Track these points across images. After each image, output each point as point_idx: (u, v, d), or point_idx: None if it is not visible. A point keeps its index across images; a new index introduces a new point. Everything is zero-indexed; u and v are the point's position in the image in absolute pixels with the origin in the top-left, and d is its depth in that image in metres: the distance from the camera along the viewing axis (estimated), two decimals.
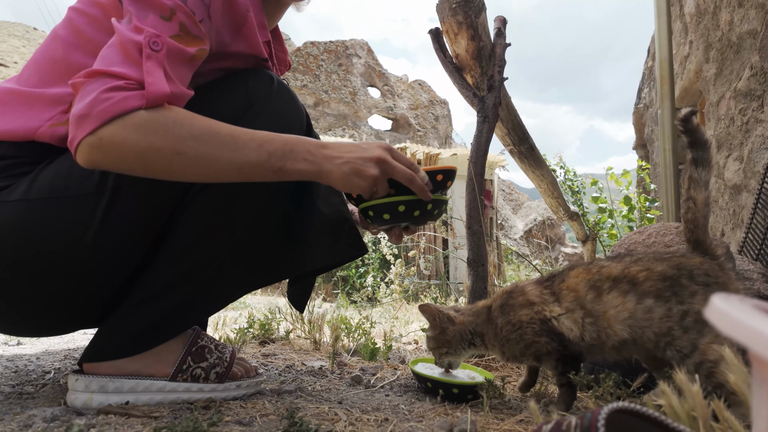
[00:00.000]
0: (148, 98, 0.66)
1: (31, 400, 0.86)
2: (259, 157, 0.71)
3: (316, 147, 0.74)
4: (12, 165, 0.79)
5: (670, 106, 1.55)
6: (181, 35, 0.72)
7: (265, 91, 0.87)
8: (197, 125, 0.69)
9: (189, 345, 0.90)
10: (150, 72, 0.67)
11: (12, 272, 0.76)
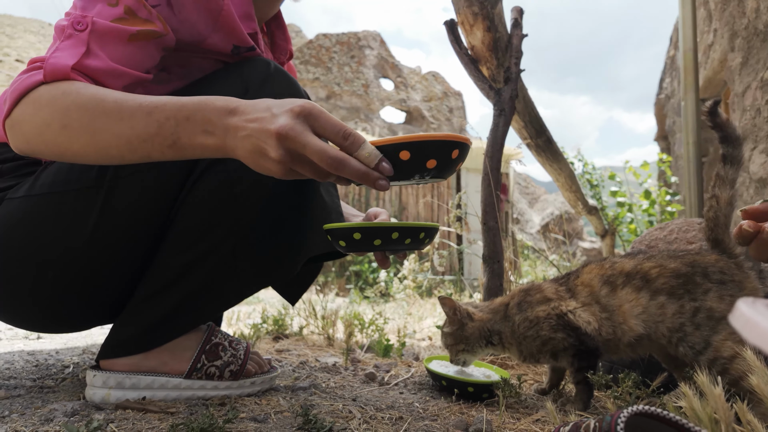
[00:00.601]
0: (45, 70, 0.64)
1: (52, 394, 0.87)
2: (148, 128, 0.59)
3: (220, 114, 0.58)
4: (19, 166, 0.82)
5: (694, 98, 1.50)
6: (126, 18, 0.71)
7: (260, 75, 0.86)
8: (83, 93, 0.62)
9: (203, 343, 0.90)
10: (61, 49, 0.66)
11: (20, 267, 0.77)
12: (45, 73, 0.64)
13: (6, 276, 0.78)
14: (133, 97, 0.61)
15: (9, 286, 0.79)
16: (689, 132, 1.48)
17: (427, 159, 0.58)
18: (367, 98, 12.43)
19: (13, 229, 0.76)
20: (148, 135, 0.60)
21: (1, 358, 1.12)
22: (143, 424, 0.70)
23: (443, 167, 0.59)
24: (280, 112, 0.55)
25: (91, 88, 0.63)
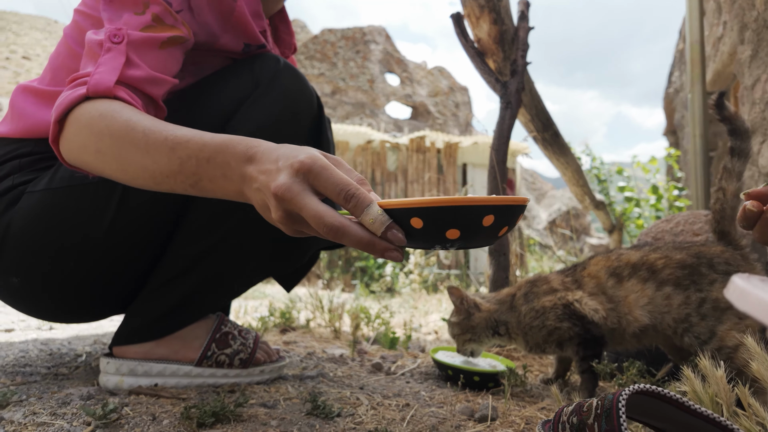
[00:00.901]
0: (88, 85, 0.64)
1: (67, 380, 0.89)
2: (171, 165, 0.56)
3: (239, 160, 0.53)
4: (39, 159, 0.83)
5: (701, 91, 1.49)
6: (154, 25, 0.72)
7: (270, 71, 0.87)
8: (117, 120, 0.60)
9: (213, 332, 0.92)
10: (103, 63, 0.66)
11: (41, 259, 0.79)
12: (89, 87, 0.64)
13: (26, 268, 0.80)
14: (161, 129, 0.58)
15: (29, 278, 0.81)
16: (696, 125, 1.48)
17: (446, 228, 0.45)
18: (372, 93, 12.41)
19: (35, 222, 0.78)
20: (171, 172, 0.57)
21: (16, 348, 1.14)
22: (156, 408, 0.72)
23: (472, 237, 0.46)
24: (283, 166, 0.49)
25: (126, 112, 0.61)
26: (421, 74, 13.55)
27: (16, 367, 0.96)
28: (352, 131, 7.18)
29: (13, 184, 0.81)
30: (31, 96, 0.85)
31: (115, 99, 0.65)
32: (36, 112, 0.83)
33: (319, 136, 0.97)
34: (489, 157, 1.49)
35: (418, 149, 7.13)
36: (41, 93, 0.84)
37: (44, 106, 0.84)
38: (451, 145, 7.17)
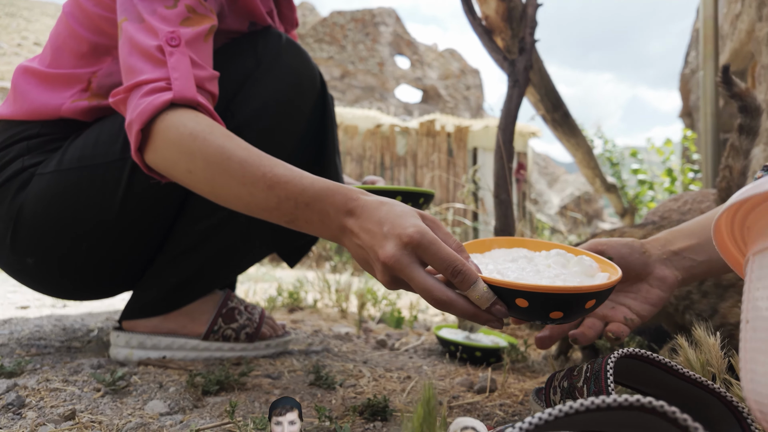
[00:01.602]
0: (174, 91, 0.65)
1: (79, 353, 0.92)
2: (268, 202, 0.59)
3: (338, 211, 0.56)
4: (46, 141, 0.84)
5: (713, 67, 1.46)
6: (191, 17, 0.72)
7: (273, 48, 0.87)
8: (211, 143, 0.61)
9: (219, 307, 0.94)
10: (175, 67, 0.67)
11: (54, 238, 0.81)
12: (175, 94, 0.64)
13: (41, 249, 0.82)
14: (258, 162, 0.60)
15: (44, 258, 0.83)
16: (707, 103, 1.44)
17: (551, 310, 0.47)
18: (382, 77, 12.31)
19: (46, 203, 0.80)
20: (268, 207, 0.59)
21: (32, 323, 1.18)
22: (164, 377, 0.74)
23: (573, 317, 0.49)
24: (390, 234, 0.51)
25: (218, 135, 0.62)
26: (432, 57, 13.38)
27: (31, 340, 1.00)
28: (362, 115, 7.15)
29: (23, 166, 0.82)
30: (34, 78, 0.85)
31: (197, 107, 0.67)
32: (40, 95, 0.84)
33: (323, 113, 0.97)
34: (496, 137, 1.48)
35: (427, 133, 7.08)
36: (44, 75, 0.85)
37: (48, 88, 0.85)
38: (462, 129, 7.11)
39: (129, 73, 0.69)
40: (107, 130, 0.82)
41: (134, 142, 0.65)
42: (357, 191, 0.57)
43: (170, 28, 0.69)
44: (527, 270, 0.52)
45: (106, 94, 0.85)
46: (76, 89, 0.84)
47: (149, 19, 0.70)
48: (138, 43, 0.68)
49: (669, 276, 0.60)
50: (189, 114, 0.65)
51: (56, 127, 0.85)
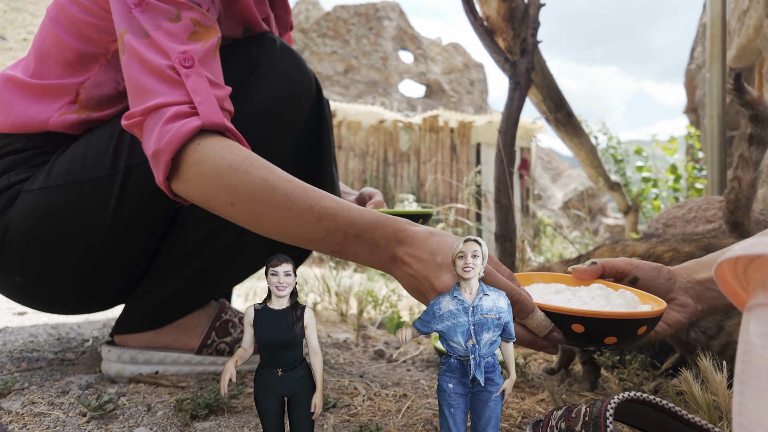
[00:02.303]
0: (202, 117, 0.63)
1: (71, 366, 0.91)
2: (316, 233, 0.59)
3: (389, 240, 0.57)
4: (33, 155, 0.82)
5: (720, 69, 1.42)
6: (197, 30, 0.70)
7: (267, 54, 0.85)
8: (253, 176, 0.60)
9: (213, 320, 0.92)
10: (195, 90, 0.65)
11: (43, 256, 0.79)
12: (204, 120, 0.63)
13: (30, 268, 0.80)
14: (304, 195, 0.59)
15: (33, 277, 0.81)
16: (714, 105, 1.41)
17: (605, 336, 0.50)
18: (385, 71, 12.24)
19: (34, 222, 0.78)
20: (315, 239, 0.59)
21: (26, 332, 1.17)
22: (153, 398, 0.73)
23: (626, 343, 0.52)
24: (445, 264, 0.52)
25: (258, 166, 0.61)
26: (436, 51, 13.29)
27: (23, 352, 0.98)
28: (364, 111, 7.11)
29: (9, 183, 0.80)
30: (18, 89, 0.83)
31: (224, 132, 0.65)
32: (26, 108, 0.81)
33: (319, 119, 0.95)
34: (497, 141, 1.46)
35: (431, 129, 7.04)
36: (29, 87, 0.82)
37: (33, 101, 0.82)
38: (465, 125, 7.06)
39: (141, 93, 0.65)
40: (95, 144, 0.80)
41: (163, 172, 0.63)
42: (404, 222, 0.58)
43: (181, 47, 0.66)
44: (573, 301, 0.54)
45: (95, 106, 0.83)
46: (64, 101, 0.82)
47: (155, 34, 0.67)
48: (148, 61, 0.65)
49: (690, 304, 0.61)
50: (221, 142, 0.63)
51: (43, 140, 0.82)
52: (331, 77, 11.75)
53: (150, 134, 0.64)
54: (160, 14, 0.68)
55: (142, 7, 0.68)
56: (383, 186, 6.83)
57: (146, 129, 0.65)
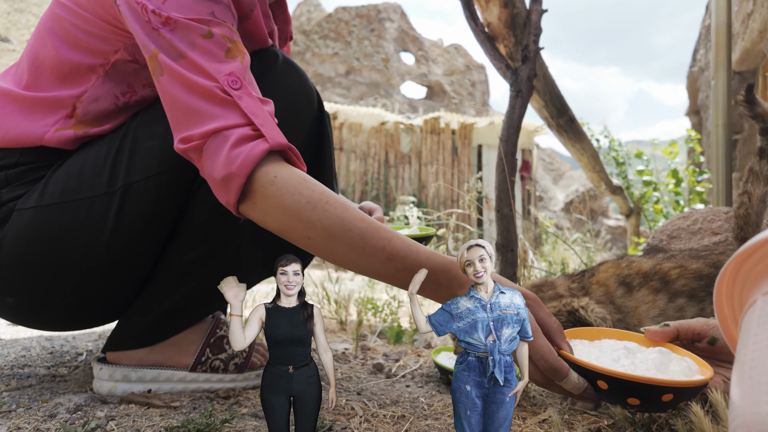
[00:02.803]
0: (270, 139, 0.65)
1: (63, 383, 0.89)
2: (384, 270, 0.64)
3: (451, 282, 0.62)
4: (26, 171, 0.79)
5: (726, 77, 1.40)
6: (230, 47, 0.69)
7: (269, 69, 0.83)
8: (330, 214, 0.64)
9: (208, 336, 0.90)
10: (253, 112, 0.65)
11: (37, 277, 0.77)
12: (272, 144, 0.64)
13: (22, 289, 0.78)
14: (377, 235, 0.64)
15: (26, 297, 0.79)
16: (719, 114, 1.39)
17: (628, 396, 0.53)
18: (387, 73, 12.23)
19: (29, 243, 0.75)
20: (384, 274, 0.64)
21: (20, 345, 1.15)
22: (143, 422, 0.71)
23: (649, 407, 0.55)
24: None
25: (334, 204, 0.64)
26: (437, 52, 13.27)
27: (15, 368, 0.97)
28: (366, 112, 7.10)
29: (1, 201, 0.77)
30: (10, 102, 0.80)
31: (287, 152, 0.67)
32: (19, 123, 0.78)
33: (320, 135, 0.93)
34: (498, 149, 1.44)
35: (432, 130, 7.02)
36: (22, 100, 0.79)
37: (27, 115, 0.79)
38: (466, 126, 7.05)
39: (192, 116, 0.65)
40: (91, 161, 0.77)
41: (234, 195, 0.64)
42: None
43: (225, 68, 0.66)
44: (622, 361, 0.57)
45: (92, 121, 0.80)
46: (60, 115, 0.79)
47: (192, 54, 0.65)
48: (194, 83, 0.65)
49: None
50: (294, 174, 0.65)
51: (36, 155, 0.80)
52: (332, 79, 11.74)
53: (214, 158, 0.64)
54: (191, 32, 0.66)
55: (171, 26, 0.66)
56: (384, 188, 6.81)
57: (207, 152, 0.65)
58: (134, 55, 0.78)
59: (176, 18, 0.66)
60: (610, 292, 0.84)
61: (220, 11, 0.70)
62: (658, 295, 0.79)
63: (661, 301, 0.78)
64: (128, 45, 0.77)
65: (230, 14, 0.72)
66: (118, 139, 0.78)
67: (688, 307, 0.76)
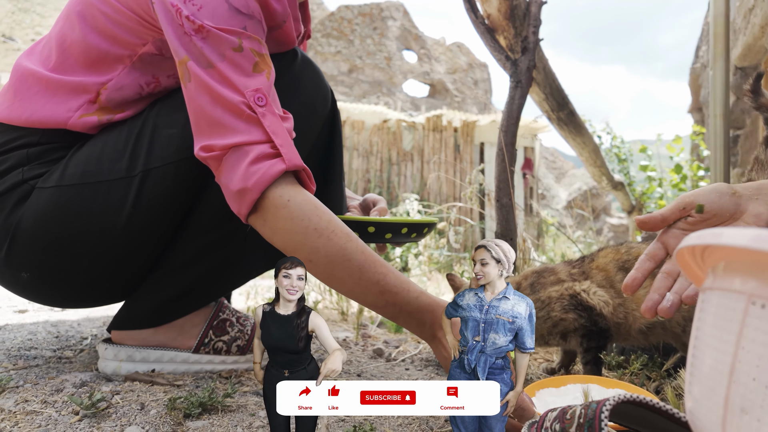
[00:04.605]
0: (286, 160, 0.69)
1: (68, 364, 0.91)
2: (376, 302, 0.70)
3: (433, 323, 0.69)
4: (47, 150, 0.81)
5: (724, 67, 1.41)
6: (258, 61, 0.70)
7: (288, 67, 0.85)
8: (334, 243, 0.69)
9: (210, 319, 0.92)
10: (275, 131, 0.68)
11: (53, 255, 0.78)
12: (288, 165, 0.68)
13: (38, 265, 0.80)
14: (373, 269, 0.69)
15: (40, 274, 0.81)
16: (717, 104, 1.39)
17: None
18: (389, 71, 12.23)
19: (46, 220, 0.77)
20: (375, 305, 0.71)
21: (26, 330, 1.17)
22: (147, 396, 0.72)
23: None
24: None
25: (339, 234, 0.69)
26: (440, 51, 13.27)
27: (21, 350, 0.98)
28: (368, 110, 7.11)
29: (23, 179, 0.78)
30: (36, 83, 0.80)
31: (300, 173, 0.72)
32: (43, 105, 0.79)
33: (332, 133, 0.95)
34: (498, 139, 1.45)
35: (434, 128, 7.03)
36: (47, 82, 0.80)
37: (51, 97, 0.80)
38: (469, 124, 7.05)
39: (216, 127, 0.68)
40: (111, 145, 0.79)
41: (247, 208, 0.69)
42: None
43: (252, 83, 0.69)
44: None
45: (115, 108, 0.82)
46: (83, 100, 0.80)
47: (221, 66, 0.68)
48: (221, 96, 0.67)
49: (764, 212, 0.59)
50: (307, 201, 0.70)
51: (58, 136, 0.81)
52: (335, 77, 11.75)
53: (232, 171, 0.68)
54: (222, 43, 0.68)
55: (203, 35, 0.68)
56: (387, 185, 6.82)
57: (226, 164, 0.69)
58: (161, 49, 0.79)
59: (209, 27, 0.67)
60: (609, 277, 0.85)
61: (252, 26, 0.71)
62: None
63: None
64: (156, 40, 0.78)
65: (261, 29, 0.74)
66: (138, 126, 0.79)
67: None
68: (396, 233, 0.86)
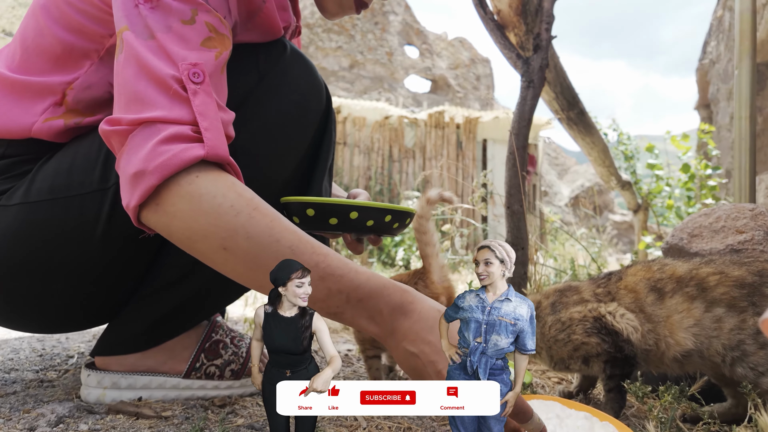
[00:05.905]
0: (207, 147, 0.57)
1: (51, 389, 0.85)
2: (316, 293, 0.55)
3: (393, 311, 0.55)
4: (12, 164, 0.74)
5: (750, 66, 1.33)
6: (212, 36, 0.62)
7: (276, 61, 0.77)
8: (258, 222, 0.55)
9: (202, 341, 0.85)
10: (203, 113, 0.57)
11: (21, 279, 0.72)
12: (208, 152, 0.56)
13: (8, 290, 0.73)
14: (310, 249, 0.56)
15: (9, 300, 0.74)
16: (743, 105, 1.32)
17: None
18: (390, 67, 12.13)
19: (14, 242, 0.70)
20: (315, 297, 0.54)
21: (9, 346, 1.10)
22: None
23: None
24: None
25: (263, 212, 0.56)
26: (442, 46, 13.15)
27: (1, 371, 0.92)
28: (370, 107, 7.03)
29: None
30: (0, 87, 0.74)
31: (225, 167, 0.59)
32: (7, 111, 0.73)
33: (323, 133, 0.87)
34: (508, 142, 1.37)
35: (436, 125, 6.95)
36: (10, 83, 0.73)
37: (15, 101, 0.73)
38: (471, 120, 6.97)
39: (134, 101, 0.57)
40: (83, 154, 0.72)
41: (139, 197, 0.55)
42: (413, 293, 0.56)
43: (192, 56, 0.58)
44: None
45: (84, 110, 0.74)
46: (48, 102, 0.73)
47: (163, 37, 0.58)
48: (149, 67, 0.57)
49: None
50: (222, 178, 0.57)
51: (24, 147, 0.74)
52: (336, 73, 11.65)
53: (135, 150, 0.56)
54: (172, 14, 0.60)
55: (152, 4, 0.59)
56: (388, 182, 6.75)
57: (131, 142, 0.56)
58: None
59: None
60: (639, 299, 0.77)
61: (217, 1, 0.64)
62: (694, 303, 0.72)
63: (697, 310, 0.72)
64: None
65: (225, 7, 0.66)
66: None
67: (727, 318, 0.70)
68: (343, 219, 0.72)
